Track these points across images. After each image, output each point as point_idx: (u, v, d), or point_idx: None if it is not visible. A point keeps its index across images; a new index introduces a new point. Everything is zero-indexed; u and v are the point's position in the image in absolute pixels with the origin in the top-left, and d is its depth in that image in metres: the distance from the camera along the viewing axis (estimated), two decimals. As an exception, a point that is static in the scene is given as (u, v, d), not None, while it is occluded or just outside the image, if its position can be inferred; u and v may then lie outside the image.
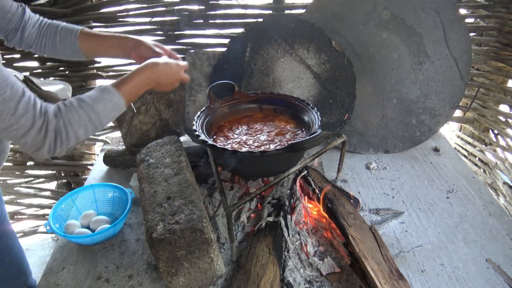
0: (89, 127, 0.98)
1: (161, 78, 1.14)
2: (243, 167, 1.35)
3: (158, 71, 1.13)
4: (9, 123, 0.85)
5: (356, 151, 2.06)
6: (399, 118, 2.04)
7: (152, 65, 1.13)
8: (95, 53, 1.29)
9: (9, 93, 0.83)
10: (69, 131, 0.94)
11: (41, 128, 0.90)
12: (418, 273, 1.36)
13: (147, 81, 1.12)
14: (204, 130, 1.41)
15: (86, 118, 0.96)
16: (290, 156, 1.31)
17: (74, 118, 0.95)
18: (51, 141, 0.92)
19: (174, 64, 1.19)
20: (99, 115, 0.98)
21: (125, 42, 1.25)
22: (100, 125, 1.00)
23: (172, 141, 1.55)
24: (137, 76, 1.09)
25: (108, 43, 1.26)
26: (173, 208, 1.21)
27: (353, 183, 1.84)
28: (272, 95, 1.61)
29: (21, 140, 0.89)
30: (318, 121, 1.37)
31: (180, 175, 1.35)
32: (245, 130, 1.51)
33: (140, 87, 1.10)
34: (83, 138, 0.99)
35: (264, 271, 1.23)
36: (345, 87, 1.91)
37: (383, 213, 1.64)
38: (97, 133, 2.35)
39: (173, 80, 1.20)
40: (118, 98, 1.02)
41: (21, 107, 0.86)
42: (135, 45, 1.25)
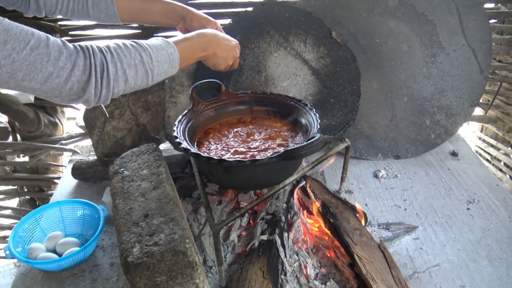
0: (140, 70, 0.98)
1: (219, 48, 1.21)
2: (232, 178, 1.35)
3: (218, 39, 1.21)
4: (48, 71, 0.86)
5: (362, 157, 2.06)
6: (411, 118, 2.05)
7: (213, 32, 1.21)
8: (135, 18, 1.33)
9: (33, 40, 0.85)
10: (118, 67, 0.94)
11: (85, 64, 0.90)
12: (435, 297, 1.37)
13: (205, 46, 1.17)
14: (187, 137, 1.40)
15: (138, 58, 0.97)
16: (285, 164, 1.31)
17: (124, 54, 0.95)
18: (98, 79, 0.92)
19: (232, 40, 1.28)
20: (152, 59, 1.00)
21: (174, 10, 1.30)
22: (151, 74, 1.01)
23: (150, 149, 1.55)
24: (197, 37, 1.15)
25: (152, 8, 1.29)
26: (152, 227, 1.21)
27: (359, 194, 1.84)
28: (265, 95, 1.61)
29: (66, 86, 0.89)
30: (317, 123, 1.37)
31: (160, 189, 1.34)
32: (234, 136, 1.51)
33: (196, 50, 1.15)
34: (132, 84, 0.98)
35: (257, 298, 1.22)
36: (348, 84, 1.92)
37: (394, 228, 1.64)
38: (64, 142, 2.36)
39: (228, 55, 1.27)
40: (172, 50, 1.05)
41: (53, 50, 0.87)
42: (186, 16, 1.30)
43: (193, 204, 1.65)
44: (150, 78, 1.01)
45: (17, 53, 0.83)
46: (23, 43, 0.83)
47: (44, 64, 0.86)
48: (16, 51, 0.82)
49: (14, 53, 0.82)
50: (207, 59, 1.22)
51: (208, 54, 1.20)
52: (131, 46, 0.98)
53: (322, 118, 1.92)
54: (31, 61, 0.84)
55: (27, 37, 0.84)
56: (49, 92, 0.90)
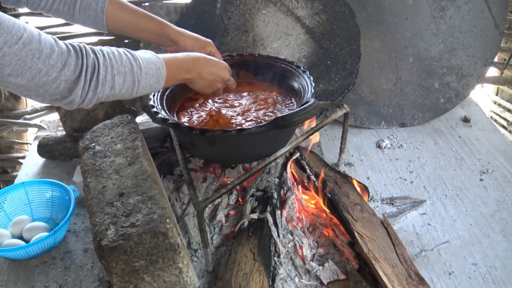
0: (128, 78, 1.03)
1: (205, 70, 1.27)
2: (217, 151, 1.35)
3: (205, 61, 1.28)
4: (37, 68, 0.89)
5: (363, 125, 2.07)
6: (418, 81, 2.04)
7: (201, 55, 1.29)
8: (124, 31, 1.36)
9: (26, 35, 0.87)
10: (108, 71, 0.99)
11: (76, 64, 0.94)
12: (444, 276, 1.39)
13: (190, 67, 1.24)
14: (165, 106, 1.39)
15: (129, 66, 1.03)
16: (276, 134, 1.31)
17: (116, 60, 1.00)
18: (87, 81, 0.96)
19: (222, 62, 1.35)
20: (141, 70, 1.05)
21: (167, 34, 1.36)
22: (137, 85, 1.06)
23: (125, 121, 1.54)
24: (184, 58, 1.22)
25: (144, 25, 1.34)
26: (128, 207, 1.21)
27: (360, 167, 1.85)
28: (252, 57, 1.60)
29: (53, 85, 0.92)
30: (311, 88, 1.37)
31: (136, 165, 1.34)
32: (218, 104, 1.50)
33: (182, 71, 1.21)
34: (117, 91, 1.02)
35: (248, 282, 1.23)
36: (346, 44, 1.91)
37: (399, 202, 1.66)
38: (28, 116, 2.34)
39: (216, 78, 1.32)
40: (161, 65, 1.11)
41: (45, 47, 0.90)
42: (179, 41, 1.37)
43: (175, 182, 1.65)
44: (135, 89, 1.06)
45: (8, 47, 0.84)
46: (16, 37, 0.85)
47: (35, 60, 0.88)
48: (8, 45, 0.84)
49: (5, 47, 0.83)
50: (193, 82, 1.28)
51: (193, 77, 1.26)
52: (123, 53, 1.03)
53: (318, 82, 1.91)
54: (22, 57, 0.86)
55: (19, 31, 0.86)
56: (33, 90, 0.93)
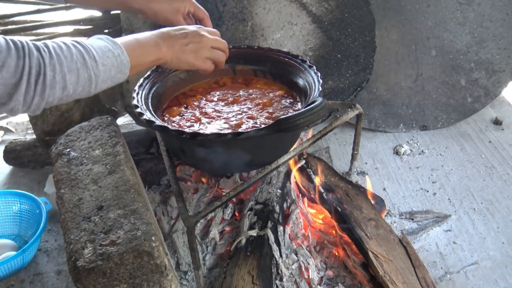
0: (82, 75, 0.98)
1: (178, 42, 1.20)
2: (210, 158, 1.33)
3: (173, 31, 1.20)
4: None
5: (378, 128, 2.06)
6: (441, 77, 2.04)
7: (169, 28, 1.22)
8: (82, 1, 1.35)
9: None
10: (56, 71, 0.94)
11: (17, 65, 0.89)
12: (472, 302, 1.39)
13: (157, 43, 1.16)
14: (151, 106, 1.39)
15: (81, 61, 0.98)
16: (278, 139, 1.31)
17: (65, 55, 0.96)
18: (31, 84, 0.91)
19: (205, 29, 1.27)
20: (97, 62, 1.00)
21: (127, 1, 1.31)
22: (95, 80, 1.01)
23: (104, 123, 1.54)
24: (146, 36, 1.15)
25: None
26: (107, 222, 1.20)
27: (375, 176, 1.85)
28: (251, 50, 1.59)
29: None
30: (318, 85, 1.35)
31: (117, 174, 1.34)
32: (212, 104, 1.49)
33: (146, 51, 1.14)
34: (70, 92, 0.98)
35: (245, 310, 1.24)
36: (359, 35, 1.91)
37: (420, 217, 1.66)
38: None
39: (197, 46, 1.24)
40: (120, 51, 1.06)
41: None
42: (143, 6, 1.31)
43: (162, 193, 1.65)
44: (94, 86, 1.02)
45: None
46: None
47: None
48: None
49: None
50: (169, 61, 1.20)
51: (165, 55, 1.18)
52: (73, 46, 0.98)
53: (326, 78, 1.90)
54: None
55: None
56: None
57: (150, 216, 1.26)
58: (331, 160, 1.88)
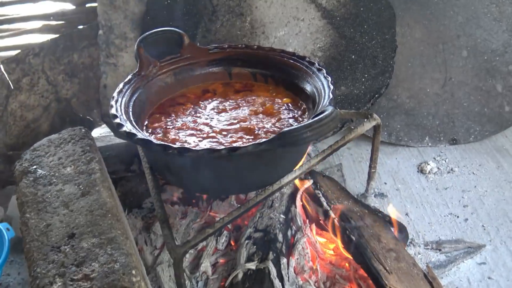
0: None
1: None
2: (202, 178, 1.33)
3: None
4: None
5: (400, 142, 2.06)
6: (474, 82, 2.03)
7: None
8: None
9: None
10: None
11: None
12: None
13: None
14: (132, 116, 1.39)
15: None
16: (281, 155, 1.31)
17: None
18: None
19: None
20: None
21: None
22: None
23: (77, 136, 1.54)
24: None
25: None
26: (80, 253, 1.20)
27: (396, 198, 1.84)
28: (250, 50, 1.59)
29: None
30: (329, 92, 1.35)
31: (92, 196, 1.34)
32: (204, 113, 1.49)
33: None
34: None
35: None
36: (377, 32, 1.91)
37: (449, 248, 1.64)
38: None
39: None
40: None
41: None
42: None
43: (145, 218, 1.64)
44: None
45: None
46: None
47: None
48: None
49: None
50: None
51: None
52: None
53: (338, 83, 1.90)
54: None
55: None
56: None
57: (130, 245, 1.25)
58: (344, 179, 1.87)
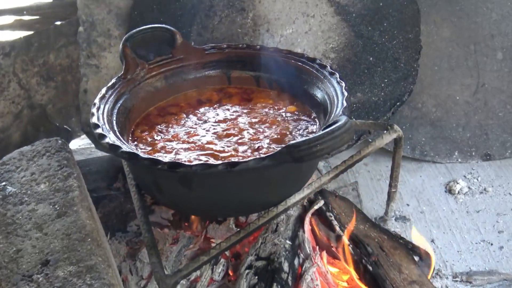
0: None
1: None
2: (196, 197, 1.34)
3: None
4: None
5: (425, 157, 2.07)
6: (510, 89, 2.04)
7: None
8: None
9: None
10: None
11: None
12: None
13: None
14: (116, 125, 1.39)
15: None
16: (287, 171, 1.30)
17: None
18: None
19: None
20: None
21: None
22: None
23: (53, 149, 1.54)
24: None
25: None
26: (55, 282, 1.19)
27: (420, 223, 1.84)
28: (252, 50, 1.60)
29: None
30: (343, 99, 1.35)
31: (69, 217, 1.34)
32: (198, 123, 1.49)
33: None
34: None
35: None
36: (399, 31, 1.91)
37: (482, 280, 1.63)
38: None
39: None
40: None
41: None
42: None
43: (129, 243, 1.64)
44: None
45: None
46: None
47: None
48: None
49: None
50: None
51: None
52: None
53: (354, 90, 1.90)
54: None
55: None
56: None
57: (112, 275, 1.25)
58: (360, 200, 1.87)
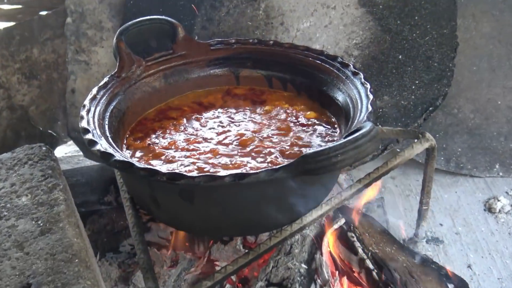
0: None
1: None
2: (199, 214, 1.32)
3: None
4: None
5: (462, 171, 2.05)
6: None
7: None
8: None
9: None
10: None
11: None
12: None
13: None
14: (108, 130, 1.38)
15: None
16: (303, 185, 1.27)
17: None
18: None
19: None
20: None
21: None
22: None
23: (36, 156, 1.54)
24: None
25: None
26: (35, 311, 1.17)
27: (455, 245, 1.81)
28: (264, 46, 1.60)
29: None
30: (367, 103, 1.33)
31: (54, 234, 1.34)
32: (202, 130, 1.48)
33: None
34: None
35: None
36: (432, 25, 1.89)
37: (528, 316, 1.61)
38: None
39: None
40: None
41: None
42: None
43: (122, 266, 1.63)
44: None
45: None
46: None
47: None
48: None
49: None
50: None
51: None
52: None
53: (380, 92, 1.89)
54: None
55: None
56: None
57: (101, 302, 1.23)
58: (386, 219, 1.84)
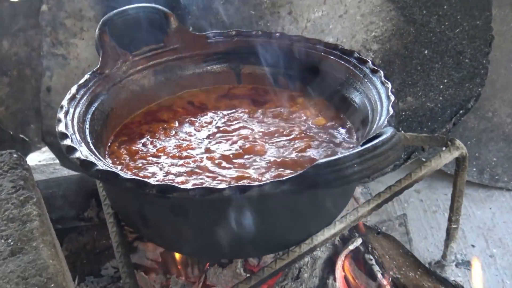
0: None
1: None
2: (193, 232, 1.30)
3: None
4: None
5: (497, 183, 2.03)
6: None
7: None
8: None
9: None
10: None
11: None
12: None
13: None
14: (89, 135, 1.36)
15: None
16: (314, 199, 1.24)
17: None
18: None
19: None
20: None
21: None
22: None
23: (6, 165, 1.53)
24: None
25: None
26: None
27: (490, 269, 1.78)
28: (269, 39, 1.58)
29: None
30: (388, 105, 1.30)
31: (26, 255, 1.31)
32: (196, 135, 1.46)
33: None
34: None
35: None
36: (462, 17, 1.87)
37: None
38: None
39: None
40: None
41: None
42: None
43: (104, 291, 1.61)
44: None
45: None
46: None
47: None
48: None
49: None
50: None
51: None
52: None
53: (403, 92, 1.87)
54: None
55: None
56: None
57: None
58: (409, 239, 1.81)
